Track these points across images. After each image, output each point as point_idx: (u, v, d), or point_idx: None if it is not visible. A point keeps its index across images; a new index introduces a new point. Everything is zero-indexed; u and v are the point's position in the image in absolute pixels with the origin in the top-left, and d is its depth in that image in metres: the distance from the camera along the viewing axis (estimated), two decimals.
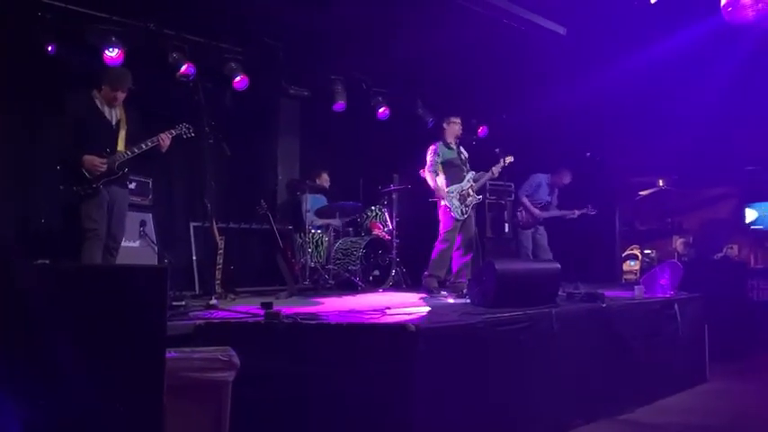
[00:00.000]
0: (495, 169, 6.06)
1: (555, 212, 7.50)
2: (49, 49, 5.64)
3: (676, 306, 5.34)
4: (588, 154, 7.82)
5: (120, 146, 4.59)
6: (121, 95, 4.63)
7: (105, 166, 4.44)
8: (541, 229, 7.50)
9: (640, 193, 8.62)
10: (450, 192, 5.85)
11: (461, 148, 6.13)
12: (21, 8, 5.43)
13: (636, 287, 5.63)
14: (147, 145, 4.60)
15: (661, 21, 6.27)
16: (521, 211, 7.52)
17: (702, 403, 4.99)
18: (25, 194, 5.76)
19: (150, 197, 6.23)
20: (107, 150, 4.51)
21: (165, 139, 4.65)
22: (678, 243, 8.51)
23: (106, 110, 4.61)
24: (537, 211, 7.42)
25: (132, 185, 5.79)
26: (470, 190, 5.91)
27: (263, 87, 7.23)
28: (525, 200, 7.52)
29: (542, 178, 7.59)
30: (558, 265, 5.00)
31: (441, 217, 5.93)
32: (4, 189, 5.46)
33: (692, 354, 5.58)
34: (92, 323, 2.36)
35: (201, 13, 6.24)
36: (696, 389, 5.39)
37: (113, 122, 4.62)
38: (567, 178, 7.58)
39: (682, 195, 8.66)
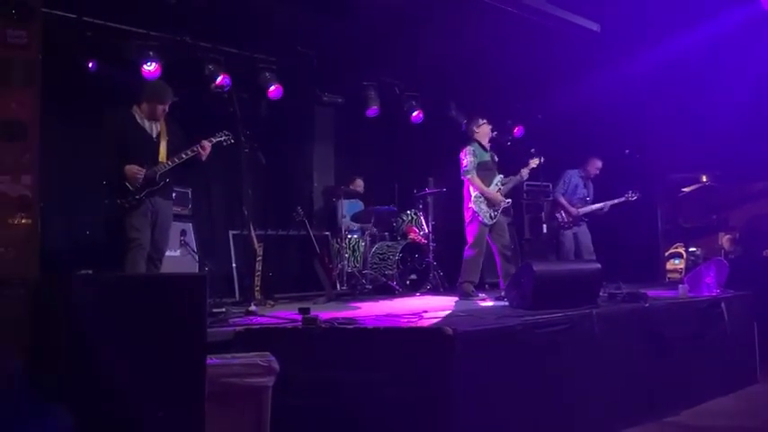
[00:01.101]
0: (524, 172, 5.97)
1: (592, 206, 7.32)
2: (90, 65, 5.82)
3: (723, 305, 5.19)
4: (627, 151, 7.64)
5: (162, 158, 4.64)
6: (163, 109, 4.68)
7: (143, 174, 4.51)
8: (584, 226, 7.33)
9: (683, 189, 8.40)
10: (478, 196, 5.79)
11: (492, 152, 6.08)
12: (62, 26, 5.61)
13: (680, 286, 5.50)
14: (187, 154, 4.64)
15: (698, 10, 6.12)
16: (560, 213, 7.37)
17: (752, 405, 4.84)
18: (70, 207, 5.93)
19: (190, 207, 6.36)
20: (149, 163, 4.58)
21: (206, 147, 4.67)
22: (724, 240, 8.26)
23: (146, 124, 4.69)
24: (574, 209, 7.27)
25: (172, 195, 5.92)
26: (499, 194, 5.83)
27: (297, 96, 7.31)
28: (562, 199, 7.36)
29: (574, 174, 7.43)
30: (599, 265, 4.91)
31: (467, 222, 5.85)
32: (50, 202, 5.64)
33: (741, 354, 5.42)
34: (134, 331, 2.42)
35: (236, 25, 6.35)
36: (746, 390, 5.23)
37: (154, 136, 4.69)
38: (597, 165, 7.39)
39: (726, 190, 8.40)
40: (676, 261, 8.24)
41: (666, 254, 8.22)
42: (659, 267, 8.17)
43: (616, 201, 7.26)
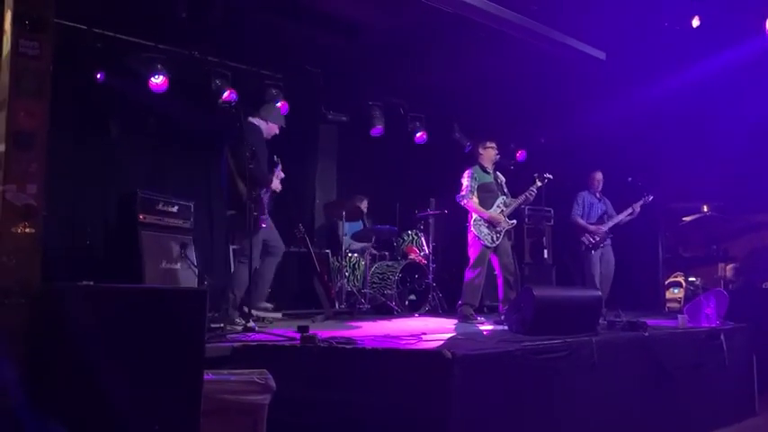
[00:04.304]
0: (530, 192, 5.92)
1: (615, 219, 7.18)
2: (99, 76, 5.86)
3: (722, 336, 5.16)
4: (630, 179, 7.65)
5: None
6: (275, 133, 5.20)
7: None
8: (609, 248, 7.20)
9: (684, 218, 8.41)
10: (477, 219, 5.75)
11: (498, 173, 6.05)
12: (72, 37, 5.66)
13: (679, 316, 5.47)
14: None
15: (704, 42, 6.17)
16: (585, 236, 7.21)
17: None
18: (72, 217, 5.93)
19: (191, 220, 6.34)
20: None
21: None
22: (728, 269, 8.24)
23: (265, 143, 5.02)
24: (596, 228, 7.13)
25: (174, 209, 5.94)
26: (501, 215, 5.80)
27: (303, 113, 7.34)
28: (581, 221, 7.16)
29: (585, 194, 7.32)
30: (599, 293, 4.93)
31: (469, 245, 5.81)
32: (50, 211, 5.64)
33: (739, 386, 5.38)
34: (132, 343, 2.41)
35: (244, 41, 6.41)
36: (744, 423, 5.19)
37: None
38: (598, 178, 7.26)
39: (727, 221, 8.42)
40: (675, 290, 8.23)
41: (666, 283, 8.21)
42: (659, 296, 8.15)
43: (638, 204, 7.11)
